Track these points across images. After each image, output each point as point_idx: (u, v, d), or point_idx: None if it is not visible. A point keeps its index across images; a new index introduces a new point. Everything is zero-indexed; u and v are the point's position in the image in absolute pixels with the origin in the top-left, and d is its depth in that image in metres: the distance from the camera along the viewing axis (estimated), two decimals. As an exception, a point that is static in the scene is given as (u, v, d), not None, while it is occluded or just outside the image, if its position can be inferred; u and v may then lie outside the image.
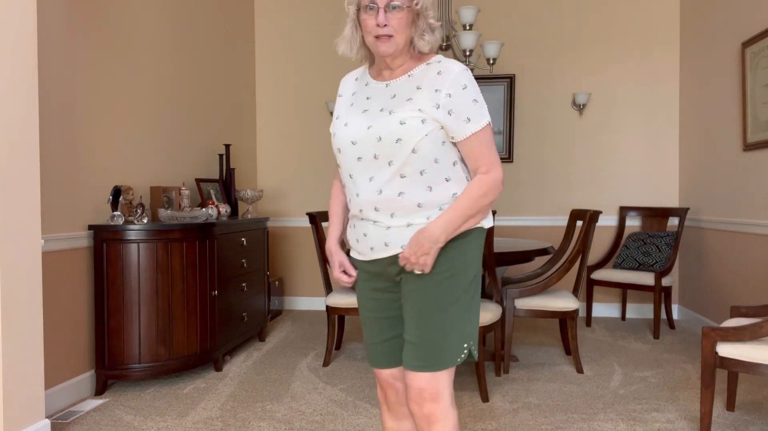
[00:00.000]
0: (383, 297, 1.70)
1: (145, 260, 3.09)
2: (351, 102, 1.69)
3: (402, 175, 1.56)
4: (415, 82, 1.60)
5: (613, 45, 4.89)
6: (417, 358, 1.60)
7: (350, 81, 1.76)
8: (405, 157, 1.55)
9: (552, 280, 3.35)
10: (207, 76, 4.43)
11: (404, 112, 1.55)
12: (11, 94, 2.24)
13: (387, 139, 1.55)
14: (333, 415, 2.78)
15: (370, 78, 1.69)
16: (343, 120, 1.66)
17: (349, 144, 1.61)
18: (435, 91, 1.56)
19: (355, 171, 1.62)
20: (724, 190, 4.13)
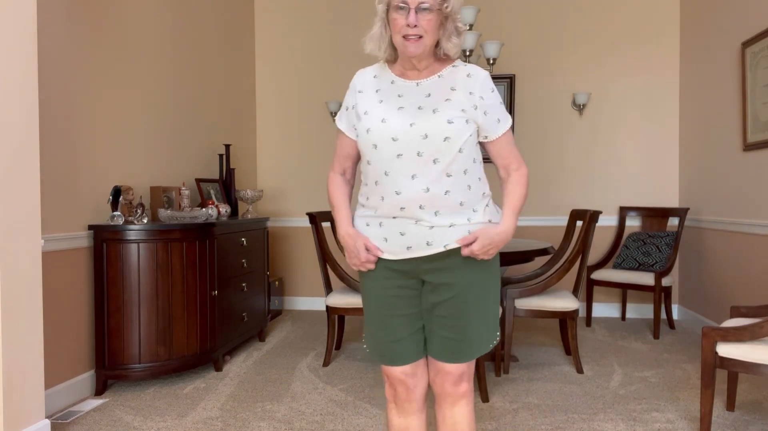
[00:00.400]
0: (406, 295, 1.70)
1: (145, 260, 3.09)
2: (379, 98, 1.67)
3: (448, 174, 1.59)
4: (448, 83, 1.64)
5: (613, 45, 4.89)
6: (458, 352, 1.68)
7: (368, 77, 1.74)
8: (453, 156, 1.58)
9: (552, 280, 3.35)
10: (207, 76, 4.43)
11: (450, 112, 1.59)
12: (11, 95, 2.24)
13: (434, 137, 1.57)
14: (333, 415, 2.78)
15: (395, 76, 1.69)
16: (377, 115, 1.63)
17: (389, 140, 1.59)
18: (469, 93, 1.63)
19: (394, 168, 1.60)
20: (724, 190, 4.13)
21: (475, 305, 1.67)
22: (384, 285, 1.71)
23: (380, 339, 1.74)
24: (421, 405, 1.79)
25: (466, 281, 1.65)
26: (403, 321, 1.71)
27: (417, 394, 1.77)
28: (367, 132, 1.63)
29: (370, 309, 1.76)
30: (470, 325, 1.68)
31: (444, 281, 1.65)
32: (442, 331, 1.68)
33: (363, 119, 1.66)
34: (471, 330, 1.68)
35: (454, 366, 1.70)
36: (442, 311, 1.67)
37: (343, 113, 1.77)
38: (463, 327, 1.67)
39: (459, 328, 1.67)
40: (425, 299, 1.71)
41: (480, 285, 1.68)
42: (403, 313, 1.71)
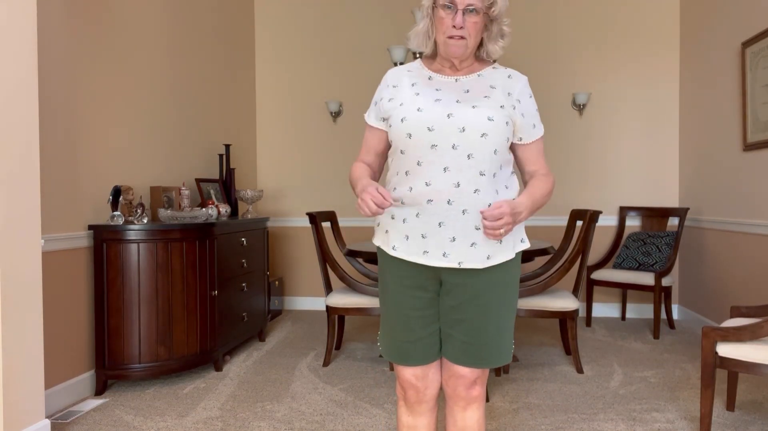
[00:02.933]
0: (425, 296, 1.66)
1: (145, 260, 3.09)
2: (415, 91, 1.63)
3: (481, 173, 1.54)
4: (487, 82, 1.62)
5: (613, 45, 4.89)
6: (474, 356, 1.64)
7: (402, 72, 1.70)
8: (488, 155, 1.54)
9: (552, 280, 3.35)
10: (207, 76, 4.43)
11: (489, 109, 1.55)
12: (12, 95, 2.24)
13: (472, 130, 1.53)
14: (333, 415, 2.78)
15: (433, 72, 1.67)
16: (413, 105, 1.59)
17: (425, 129, 1.55)
18: (508, 94, 1.61)
19: (427, 158, 1.56)
20: (724, 190, 4.13)
21: (495, 310, 1.63)
22: (404, 284, 1.67)
23: (396, 338, 1.71)
24: (432, 405, 1.77)
25: (485, 284, 1.61)
26: (421, 321, 1.67)
27: (428, 396, 1.74)
28: (402, 121, 1.58)
29: (389, 306, 1.72)
30: (487, 330, 1.63)
31: (462, 281, 1.61)
32: (459, 334, 1.64)
33: (398, 110, 1.61)
34: (488, 335, 1.64)
35: (469, 370, 1.67)
36: (459, 314, 1.64)
37: (371, 108, 1.73)
38: (481, 331, 1.63)
39: (476, 332, 1.63)
40: (443, 301, 1.67)
41: (500, 289, 1.64)
42: (421, 314, 1.67)
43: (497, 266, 1.61)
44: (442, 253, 1.57)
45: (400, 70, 1.72)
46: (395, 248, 1.64)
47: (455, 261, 1.57)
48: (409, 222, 1.61)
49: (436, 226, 1.56)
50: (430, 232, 1.57)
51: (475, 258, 1.58)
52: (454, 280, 1.62)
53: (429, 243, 1.58)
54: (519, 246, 1.67)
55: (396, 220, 1.64)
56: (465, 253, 1.57)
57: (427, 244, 1.59)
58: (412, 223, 1.60)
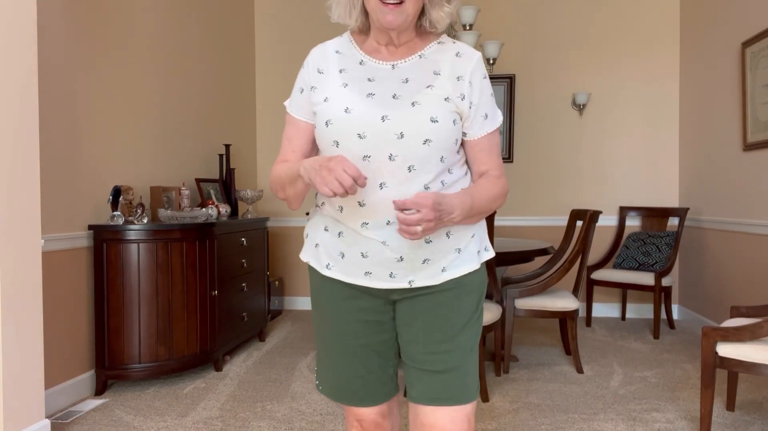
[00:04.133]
0: (373, 320, 1.36)
1: (145, 260, 3.09)
2: (343, 81, 1.30)
3: (426, 186, 1.25)
4: (431, 66, 1.31)
5: (613, 45, 4.89)
6: (451, 388, 1.31)
7: (329, 54, 1.35)
8: (433, 165, 1.26)
9: (552, 280, 3.35)
10: (207, 76, 4.43)
11: (433, 106, 1.25)
12: (11, 94, 2.24)
13: (412, 137, 1.23)
14: (333, 415, 2.78)
15: (365, 55, 1.33)
16: (340, 103, 1.27)
17: (355, 137, 1.24)
18: (457, 78, 1.29)
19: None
20: (724, 190, 4.14)
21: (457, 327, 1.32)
22: (342, 308, 1.35)
23: (342, 375, 1.39)
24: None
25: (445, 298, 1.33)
26: (368, 351, 1.37)
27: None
28: (327, 125, 1.27)
29: (328, 336, 1.39)
30: (455, 350, 1.31)
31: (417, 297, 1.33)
32: (421, 362, 1.32)
33: (322, 107, 1.29)
34: (457, 357, 1.31)
35: (448, 419, 1.30)
36: (413, 335, 1.33)
37: (295, 96, 1.37)
38: (453, 347, 1.31)
39: (447, 350, 1.31)
40: (399, 317, 1.36)
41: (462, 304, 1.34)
42: (370, 342, 1.36)
43: (458, 279, 1.33)
44: (388, 274, 1.29)
45: (327, 48, 1.36)
46: (329, 267, 1.35)
47: (404, 280, 1.30)
48: (346, 237, 1.31)
49: (378, 244, 1.28)
50: (372, 251, 1.28)
51: (428, 274, 1.30)
52: (407, 297, 1.34)
53: (371, 263, 1.29)
54: (484, 254, 1.38)
55: (330, 233, 1.34)
56: (416, 271, 1.30)
57: (369, 264, 1.29)
58: (350, 239, 1.30)
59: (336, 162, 1.14)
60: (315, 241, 1.38)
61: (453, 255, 1.32)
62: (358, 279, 1.31)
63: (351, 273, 1.32)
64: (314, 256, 1.38)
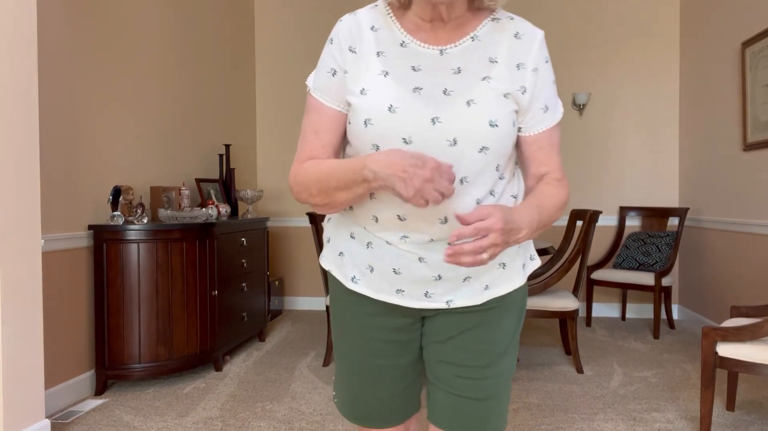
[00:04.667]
0: (401, 339, 1.20)
1: (145, 260, 3.09)
2: (383, 68, 1.07)
3: (478, 201, 1.08)
4: (486, 50, 1.08)
5: (613, 45, 4.89)
6: (478, 419, 1.16)
7: (364, 29, 1.11)
8: (488, 175, 1.07)
9: (552, 280, 3.35)
10: (207, 76, 4.43)
11: (492, 106, 1.05)
12: (11, 94, 2.24)
13: (467, 144, 1.03)
14: (333, 415, 2.78)
15: (406, 35, 1.09)
16: (382, 99, 1.05)
17: (399, 141, 1.04)
18: (517, 66, 1.08)
19: None
20: (724, 190, 4.14)
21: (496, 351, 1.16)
22: (369, 324, 1.20)
23: (362, 394, 1.24)
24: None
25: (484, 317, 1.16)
26: (395, 372, 1.22)
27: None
28: (366, 124, 1.06)
29: (349, 353, 1.23)
30: (502, 371, 1.17)
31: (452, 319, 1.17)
32: (457, 387, 1.16)
33: (358, 100, 1.07)
34: (499, 381, 1.16)
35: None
36: (447, 356, 1.17)
37: (323, 78, 1.12)
38: (494, 373, 1.16)
39: (481, 379, 1.15)
40: (427, 342, 1.21)
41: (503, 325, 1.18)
42: (394, 362, 1.21)
43: (501, 297, 1.18)
44: (423, 293, 1.13)
45: (361, 22, 1.11)
46: (356, 280, 1.18)
47: (441, 300, 1.14)
48: (376, 249, 1.13)
49: (414, 261, 1.11)
50: (407, 267, 1.11)
51: (468, 292, 1.14)
52: (442, 317, 1.18)
53: (404, 280, 1.12)
54: (529, 266, 1.22)
55: (357, 241, 1.16)
56: (455, 290, 1.13)
57: (402, 281, 1.12)
58: (380, 251, 1.13)
59: (431, 169, 0.94)
60: (338, 249, 1.20)
61: (497, 271, 1.15)
62: (389, 296, 1.15)
63: (380, 290, 1.15)
64: (337, 266, 1.21)
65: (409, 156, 0.95)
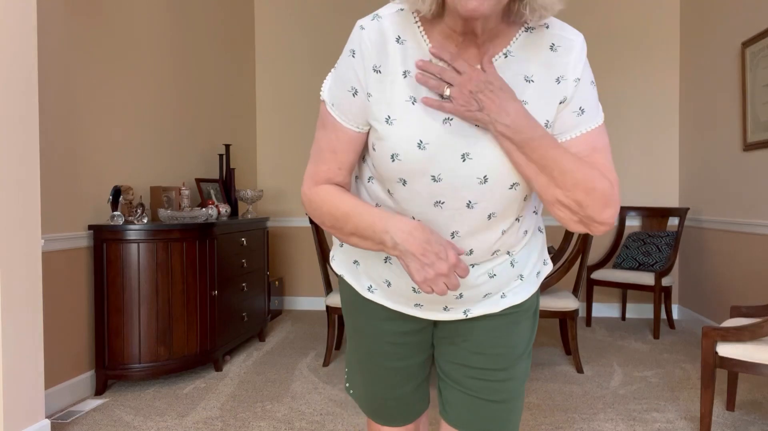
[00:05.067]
0: (411, 341, 1.21)
1: (145, 260, 3.09)
2: (411, 94, 0.98)
3: (504, 231, 1.06)
4: (520, 67, 0.99)
5: (613, 44, 4.89)
6: (493, 421, 1.16)
7: (389, 42, 0.99)
8: (515, 208, 1.04)
9: (552, 280, 3.35)
10: (207, 76, 4.43)
11: None
12: (11, 94, 2.24)
13: (497, 182, 0.99)
14: (333, 415, 2.78)
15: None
16: (410, 131, 0.98)
17: (428, 178, 0.99)
18: (557, 80, 0.99)
19: (428, 216, 1.03)
20: (724, 190, 4.14)
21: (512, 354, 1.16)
22: (382, 329, 1.20)
23: (374, 393, 1.27)
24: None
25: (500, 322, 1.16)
26: (407, 372, 1.24)
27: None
28: (393, 159, 0.99)
29: (359, 355, 1.26)
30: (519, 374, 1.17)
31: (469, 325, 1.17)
32: (472, 388, 1.16)
33: (384, 130, 0.99)
34: (515, 384, 1.16)
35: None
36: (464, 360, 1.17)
37: (342, 96, 1.03)
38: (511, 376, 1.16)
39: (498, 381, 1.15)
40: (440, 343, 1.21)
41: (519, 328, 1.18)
42: (407, 363, 1.23)
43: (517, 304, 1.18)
44: (442, 307, 1.14)
45: (386, 33, 0.99)
46: (372, 289, 1.17)
47: (459, 311, 1.14)
48: (395, 266, 1.11)
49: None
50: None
51: (486, 304, 1.14)
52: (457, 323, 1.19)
53: (423, 298, 1.12)
54: (543, 271, 1.21)
55: (374, 254, 1.13)
56: (474, 303, 1.14)
57: (421, 298, 1.12)
58: (400, 269, 1.10)
59: (450, 266, 0.94)
60: (353, 257, 1.18)
61: (515, 282, 1.15)
62: (407, 308, 1.15)
63: (398, 303, 1.15)
64: (352, 274, 1.20)
65: (434, 240, 0.95)
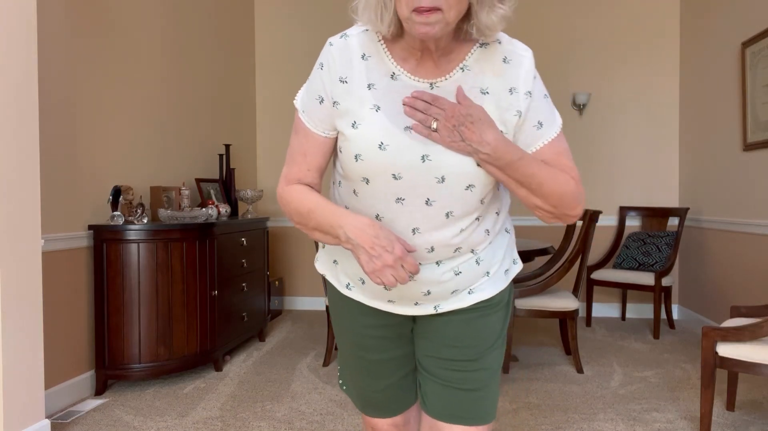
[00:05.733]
0: (391, 334, 1.30)
1: (145, 260, 3.09)
2: (375, 102, 1.10)
3: (462, 229, 1.14)
4: (476, 81, 1.10)
5: (613, 45, 4.89)
6: (467, 409, 1.24)
7: (354, 58, 1.12)
8: (472, 208, 1.13)
9: (552, 280, 3.35)
10: (207, 76, 4.43)
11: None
12: (11, 94, 2.24)
13: (455, 182, 1.08)
14: (333, 415, 2.78)
15: (396, 66, 1.11)
16: (373, 134, 1.08)
17: (389, 176, 1.08)
18: (510, 91, 1.10)
19: (389, 214, 1.13)
20: (724, 190, 4.14)
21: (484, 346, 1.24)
22: (361, 323, 1.29)
23: (361, 385, 1.36)
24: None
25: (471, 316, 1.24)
26: (390, 365, 1.31)
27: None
28: (357, 159, 1.10)
29: (347, 351, 1.35)
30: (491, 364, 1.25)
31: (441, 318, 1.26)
32: (446, 378, 1.24)
33: (350, 133, 1.10)
34: (487, 374, 1.24)
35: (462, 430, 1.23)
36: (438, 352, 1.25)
37: (311, 104, 1.15)
38: (483, 365, 1.24)
39: (470, 371, 1.23)
40: (418, 338, 1.30)
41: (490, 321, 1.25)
42: (388, 356, 1.31)
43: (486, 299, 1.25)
44: (413, 303, 1.22)
45: (351, 48, 1.12)
46: (350, 287, 1.27)
47: (430, 307, 1.22)
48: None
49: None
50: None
51: (455, 299, 1.22)
52: (431, 316, 1.27)
53: (394, 295, 1.21)
54: (512, 270, 1.29)
55: (349, 254, 1.22)
56: (443, 299, 1.22)
57: (392, 295, 1.21)
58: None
59: (395, 258, 1.03)
60: (333, 256, 1.28)
61: (482, 279, 1.22)
62: (381, 304, 1.24)
63: (373, 299, 1.24)
64: (332, 272, 1.30)
65: (383, 235, 1.04)
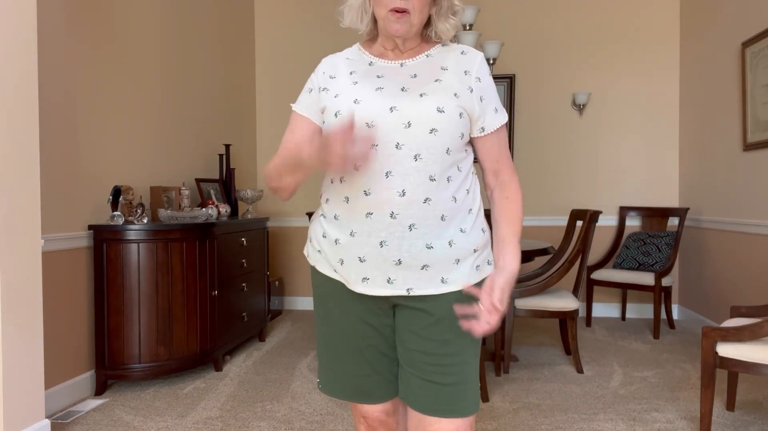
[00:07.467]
0: (380, 322, 1.39)
1: (145, 260, 3.09)
2: (353, 80, 1.36)
3: (431, 177, 1.28)
4: (437, 62, 1.37)
5: (613, 45, 4.89)
6: (449, 402, 1.32)
7: (340, 61, 1.43)
8: (438, 155, 1.28)
9: (552, 280, 3.35)
10: (207, 76, 4.43)
11: (440, 97, 1.29)
12: (11, 94, 2.24)
13: (419, 126, 1.26)
14: (333, 415, 2.78)
15: (374, 57, 1.40)
16: (349, 96, 1.32)
17: (363, 126, 1.28)
18: (464, 72, 1.34)
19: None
20: (724, 190, 4.14)
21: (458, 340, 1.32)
22: (350, 309, 1.38)
23: (347, 373, 1.42)
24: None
25: (446, 309, 1.31)
26: (375, 351, 1.39)
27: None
28: (336, 115, 1.32)
29: (330, 337, 1.42)
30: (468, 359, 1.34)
31: (417, 306, 1.33)
32: (426, 373, 1.32)
33: (332, 102, 1.34)
34: (461, 370, 1.33)
35: (453, 428, 1.32)
36: (415, 344, 1.33)
37: (303, 96, 1.44)
38: (461, 360, 1.33)
39: (454, 363, 1.32)
40: (397, 330, 1.38)
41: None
42: (372, 343, 1.39)
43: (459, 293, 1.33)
44: (386, 279, 1.30)
45: (337, 56, 1.45)
46: (335, 271, 1.38)
47: (403, 287, 1.30)
48: (343, 244, 1.33)
49: (376, 246, 1.28)
50: (370, 254, 1.29)
51: (427, 282, 1.31)
52: (408, 304, 1.34)
53: (369, 268, 1.30)
54: (485, 269, 1.37)
55: (327, 240, 1.37)
56: (415, 278, 1.30)
57: (367, 269, 1.30)
58: (347, 245, 1.32)
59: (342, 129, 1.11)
60: (318, 246, 1.42)
61: (452, 265, 1.31)
62: (357, 285, 1.32)
63: (350, 281, 1.34)
64: (319, 262, 1.42)
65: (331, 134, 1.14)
